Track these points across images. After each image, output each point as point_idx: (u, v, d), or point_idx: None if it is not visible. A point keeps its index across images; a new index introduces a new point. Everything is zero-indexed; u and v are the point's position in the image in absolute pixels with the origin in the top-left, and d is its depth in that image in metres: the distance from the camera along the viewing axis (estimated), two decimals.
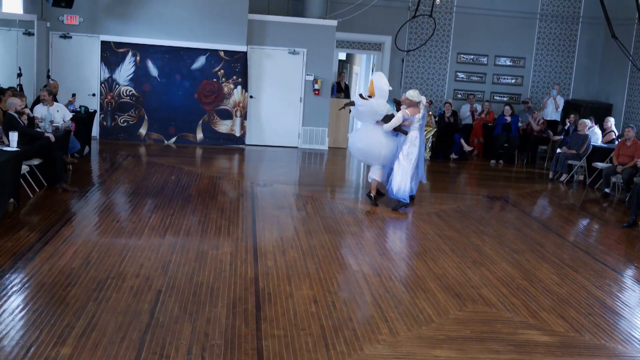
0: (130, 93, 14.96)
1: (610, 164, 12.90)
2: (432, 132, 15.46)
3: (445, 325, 6.02)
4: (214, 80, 15.16)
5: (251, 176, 12.70)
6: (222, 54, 15.06)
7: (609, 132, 14.63)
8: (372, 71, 18.41)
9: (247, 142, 15.64)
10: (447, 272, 7.52)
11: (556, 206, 11.86)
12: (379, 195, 10.99)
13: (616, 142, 14.41)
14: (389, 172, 10.62)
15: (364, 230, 9.16)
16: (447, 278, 7.30)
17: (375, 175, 10.78)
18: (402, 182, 10.36)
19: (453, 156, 15.79)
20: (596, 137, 14.44)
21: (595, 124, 14.86)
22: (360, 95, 10.56)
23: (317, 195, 11.03)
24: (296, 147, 15.95)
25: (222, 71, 15.15)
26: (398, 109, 10.73)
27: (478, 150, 16.80)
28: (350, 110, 17.26)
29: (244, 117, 15.46)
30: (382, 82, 10.55)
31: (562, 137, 15.24)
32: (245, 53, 15.15)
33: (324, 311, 6.07)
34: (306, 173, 13.88)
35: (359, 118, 10.96)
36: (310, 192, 11.31)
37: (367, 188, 11.81)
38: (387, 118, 10.44)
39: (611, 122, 14.84)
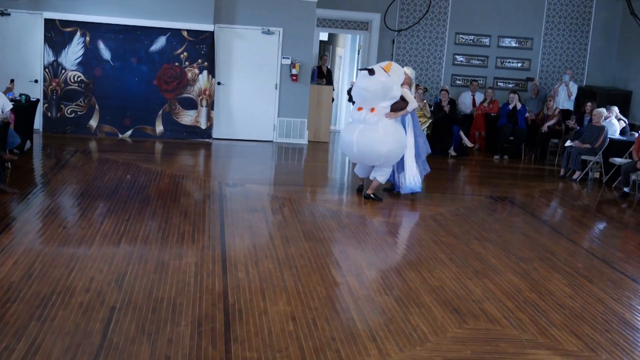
0: (79, 79, 14.87)
1: (630, 160, 12.99)
2: (428, 124, 15.50)
3: (443, 345, 6.04)
4: (176, 64, 15.11)
5: (219, 175, 12.67)
6: (185, 34, 15.02)
7: (617, 120, 14.80)
8: (359, 53, 18.44)
9: (214, 135, 15.61)
10: (445, 283, 7.55)
11: (569, 208, 11.93)
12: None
13: (632, 135, 14.55)
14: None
15: (350, 236, 9.16)
16: (445, 291, 7.33)
17: (381, 176, 11.01)
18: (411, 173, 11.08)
19: (451, 152, 15.83)
20: (614, 128, 14.54)
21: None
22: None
23: (296, 197, 11.04)
24: (271, 142, 15.94)
25: (185, 54, 15.11)
26: None
27: (480, 145, 16.87)
28: (333, 99, 17.35)
29: (210, 106, 15.43)
30: (400, 68, 10.97)
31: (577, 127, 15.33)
32: (212, 33, 15.11)
33: (303, 330, 6.07)
34: (283, 171, 13.87)
35: (363, 95, 10.78)
36: (287, 192, 11.31)
37: (356, 185, 11.82)
38: (397, 105, 10.76)
39: (615, 111, 14.94)
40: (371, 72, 10.61)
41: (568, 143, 14.47)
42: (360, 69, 11.75)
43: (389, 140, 10.70)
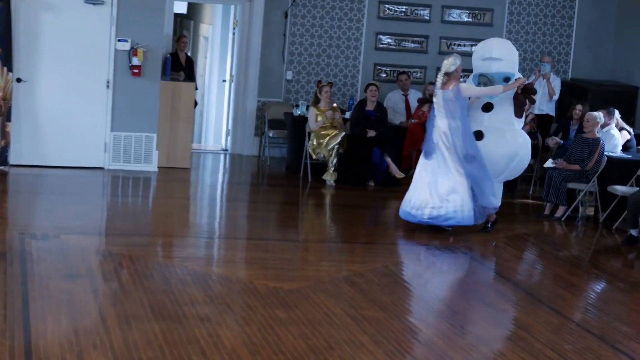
0: None
1: (638, 188, 13.24)
2: (339, 139, 15.52)
3: None
4: None
5: (20, 222, 12.55)
6: None
7: (619, 129, 15.17)
8: (234, 33, 18.49)
9: (12, 160, 15.42)
10: None
11: (551, 261, 12.17)
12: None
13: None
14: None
15: (224, 312, 9.15)
16: None
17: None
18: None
19: (370, 184, 15.95)
20: (614, 142, 14.75)
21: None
22: None
23: (140, 253, 10.99)
24: (102, 169, 15.84)
25: None
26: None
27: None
28: (196, 103, 17.32)
29: (5, 116, 15.26)
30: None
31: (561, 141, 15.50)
32: (6, 2, 14.98)
33: None
34: (120, 214, 13.81)
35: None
36: (127, 247, 11.26)
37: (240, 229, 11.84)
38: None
39: (615, 116, 15.28)
40: None
41: (548, 164, 14.53)
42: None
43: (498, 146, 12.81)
